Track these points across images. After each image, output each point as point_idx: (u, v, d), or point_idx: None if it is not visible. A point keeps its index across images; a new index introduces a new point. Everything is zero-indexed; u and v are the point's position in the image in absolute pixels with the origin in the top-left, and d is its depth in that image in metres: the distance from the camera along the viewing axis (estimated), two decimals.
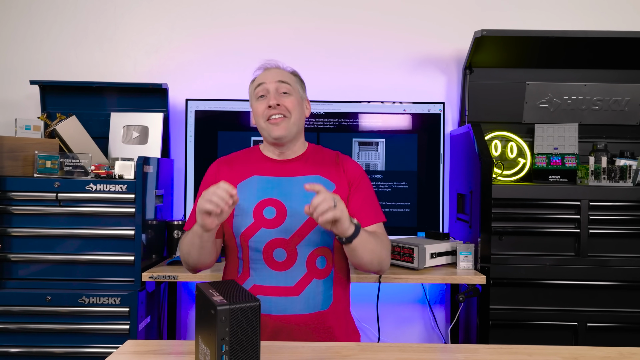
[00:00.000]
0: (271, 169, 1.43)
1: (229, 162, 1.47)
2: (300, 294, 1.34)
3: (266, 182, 1.40)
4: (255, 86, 1.43)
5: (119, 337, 1.87)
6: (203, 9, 2.48)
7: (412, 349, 1.20)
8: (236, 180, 1.41)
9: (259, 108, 1.41)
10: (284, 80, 1.42)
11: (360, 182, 1.45)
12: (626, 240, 1.96)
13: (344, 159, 1.49)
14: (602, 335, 1.95)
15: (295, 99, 1.42)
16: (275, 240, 1.35)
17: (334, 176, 1.43)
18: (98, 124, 2.30)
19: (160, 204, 2.13)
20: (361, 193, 1.44)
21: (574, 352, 1.19)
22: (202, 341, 0.99)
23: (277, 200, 1.37)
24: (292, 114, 1.40)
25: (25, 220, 1.90)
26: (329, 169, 1.44)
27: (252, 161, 1.46)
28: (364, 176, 1.48)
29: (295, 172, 1.42)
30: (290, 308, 1.33)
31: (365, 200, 1.43)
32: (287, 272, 1.34)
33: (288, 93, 1.41)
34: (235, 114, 2.31)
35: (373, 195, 1.48)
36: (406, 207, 2.31)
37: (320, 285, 1.36)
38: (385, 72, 2.49)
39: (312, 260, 1.36)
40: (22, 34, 2.46)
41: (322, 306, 1.37)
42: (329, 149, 1.53)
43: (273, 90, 1.40)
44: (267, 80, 1.41)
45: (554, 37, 2.09)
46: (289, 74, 1.46)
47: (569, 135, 2.24)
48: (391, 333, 2.45)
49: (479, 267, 1.96)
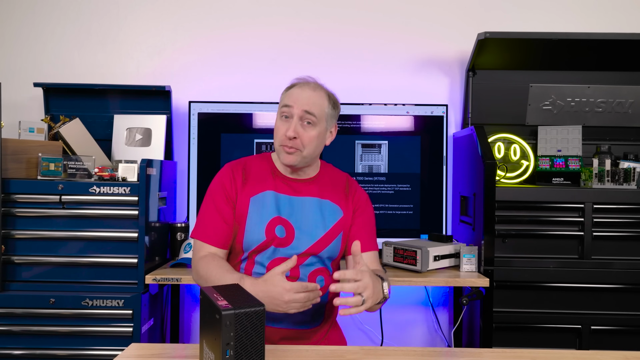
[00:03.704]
0: (284, 186, 1.42)
1: (243, 170, 1.42)
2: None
3: (279, 200, 1.39)
4: (283, 104, 1.38)
5: (122, 340, 1.87)
6: (206, 11, 2.48)
7: (416, 353, 1.20)
8: (250, 192, 1.39)
9: (279, 128, 1.37)
10: (311, 111, 1.35)
11: (364, 209, 1.48)
12: (630, 242, 1.96)
13: (352, 185, 1.50)
14: (606, 339, 1.94)
15: (316, 132, 1.36)
16: (280, 259, 1.35)
17: (342, 203, 1.45)
18: (101, 126, 2.30)
19: (164, 206, 2.13)
20: (362, 219, 1.47)
21: (578, 357, 1.18)
22: (206, 345, 0.99)
23: (286, 220, 1.38)
24: (306, 148, 1.36)
25: (28, 222, 1.90)
26: (339, 195, 1.46)
27: (267, 174, 1.43)
28: (368, 204, 1.51)
29: (306, 193, 1.42)
30: (285, 322, 1.35)
31: (365, 227, 1.47)
32: None
33: (311, 124, 1.36)
34: (239, 116, 2.31)
35: (373, 223, 1.51)
36: (409, 209, 2.31)
37: (317, 304, 1.34)
38: (388, 73, 2.49)
39: (312, 279, 1.38)
40: (26, 36, 2.46)
41: (314, 323, 1.40)
42: (339, 170, 1.54)
43: (296, 119, 1.35)
44: (295, 105, 1.35)
45: (558, 39, 2.09)
46: (319, 100, 1.38)
47: (572, 138, 2.24)
48: (394, 336, 2.45)
49: (482, 269, 1.96)
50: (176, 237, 2.14)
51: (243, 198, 1.38)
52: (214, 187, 1.41)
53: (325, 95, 1.40)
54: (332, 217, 1.42)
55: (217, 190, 1.40)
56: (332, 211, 1.43)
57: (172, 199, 2.28)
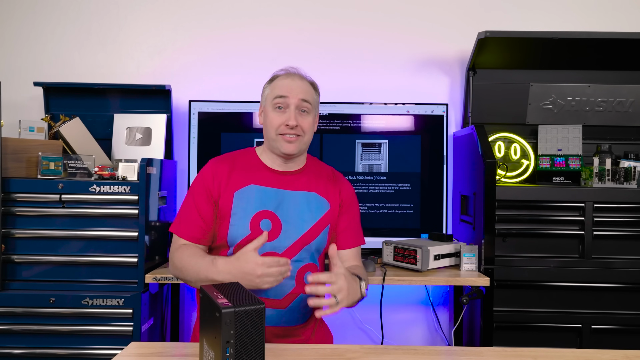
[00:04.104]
0: (270, 179, 1.41)
1: (226, 164, 1.42)
2: (287, 307, 1.36)
3: (264, 193, 1.39)
4: (276, 95, 1.39)
5: (122, 339, 1.87)
6: (206, 11, 2.48)
7: (416, 352, 1.20)
8: (234, 187, 1.38)
9: (275, 120, 1.38)
10: (306, 99, 1.40)
11: (350, 204, 1.50)
12: (631, 242, 1.96)
13: (339, 178, 1.52)
14: (606, 338, 1.94)
15: (312, 119, 1.43)
16: (267, 254, 1.31)
17: (330, 196, 1.46)
18: (101, 125, 2.30)
19: (164, 205, 2.13)
20: (349, 215, 1.49)
21: (579, 355, 1.18)
22: (206, 344, 0.99)
23: (273, 213, 1.37)
24: (306, 134, 1.41)
25: (28, 221, 1.90)
26: (326, 186, 1.46)
27: (251, 168, 1.42)
28: (354, 199, 1.52)
29: (293, 186, 1.42)
30: (275, 320, 1.35)
31: (351, 223, 1.49)
32: (276, 286, 1.28)
33: (307, 112, 1.41)
34: (239, 115, 2.31)
35: (358, 218, 1.53)
36: (409, 208, 2.31)
37: (305, 300, 1.35)
38: (388, 73, 2.49)
39: (300, 275, 1.38)
40: (26, 36, 2.47)
41: (302, 320, 1.40)
42: (324, 163, 1.56)
43: (294, 108, 1.38)
44: (291, 95, 1.38)
45: (558, 39, 2.08)
46: (310, 88, 1.44)
47: (572, 137, 2.24)
48: (394, 335, 2.45)
49: (482, 269, 1.95)
50: None
51: (227, 193, 1.37)
52: (196, 183, 1.41)
53: (310, 84, 1.46)
54: (319, 210, 1.42)
55: (198, 187, 1.40)
56: (319, 204, 1.43)
57: (172, 198, 2.28)
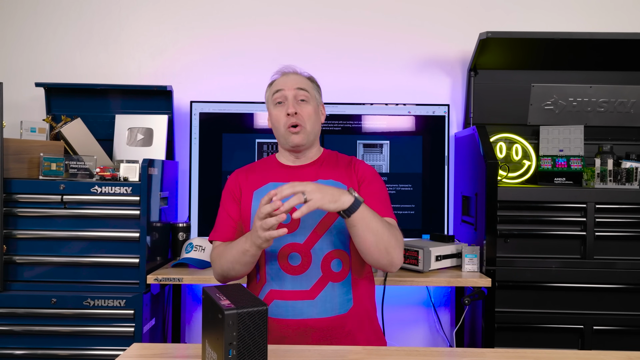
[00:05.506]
0: (286, 175, 1.44)
1: (246, 171, 1.49)
2: (316, 298, 1.34)
3: None
4: (274, 92, 1.44)
5: (124, 340, 1.87)
6: (207, 11, 2.48)
7: (419, 353, 1.19)
8: (253, 187, 1.43)
9: (278, 115, 1.42)
10: (302, 87, 1.43)
11: (371, 180, 1.44)
12: (632, 242, 1.95)
13: (357, 162, 1.49)
14: (608, 339, 1.94)
15: (312, 107, 1.43)
16: (290, 245, 1.35)
17: (345, 179, 1.43)
18: (103, 126, 2.30)
19: (165, 206, 2.13)
20: (371, 189, 1.42)
21: (581, 357, 1.18)
22: (209, 345, 0.99)
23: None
24: (308, 122, 1.41)
25: (30, 222, 1.90)
26: (341, 172, 1.44)
27: (268, 169, 1.48)
28: (375, 175, 1.46)
29: (309, 177, 1.42)
30: (307, 312, 1.33)
31: (374, 196, 1.40)
32: (302, 276, 1.34)
33: (306, 101, 1.43)
34: (240, 116, 2.31)
35: (385, 193, 1.45)
36: (411, 209, 2.31)
37: (336, 289, 1.35)
38: (389, 73, 2.49)
39: (326, 263, 1.36)
40: (27, 36, 2.47)
41: (340, 310, 1.35)
42: (345, 155, 1.53)
43: (291, 98, 1.41)
44: (286, 87, 1.42)
45: (559, 39, 2.08)
46: (306, 80, 1.47)
47: (574, 137, 2.23)
48: (396, 336, 2.44)
49: (484, 269, 1.95)
50: (178, 237, 2.14)
51: (247, 193, 1.43)
52: (223, 193, 1.50)
53: (305, 77, 1.49)
54: None
55: (224, 195, 1.49)
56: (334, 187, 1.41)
57: (173, 198, 2.27)
